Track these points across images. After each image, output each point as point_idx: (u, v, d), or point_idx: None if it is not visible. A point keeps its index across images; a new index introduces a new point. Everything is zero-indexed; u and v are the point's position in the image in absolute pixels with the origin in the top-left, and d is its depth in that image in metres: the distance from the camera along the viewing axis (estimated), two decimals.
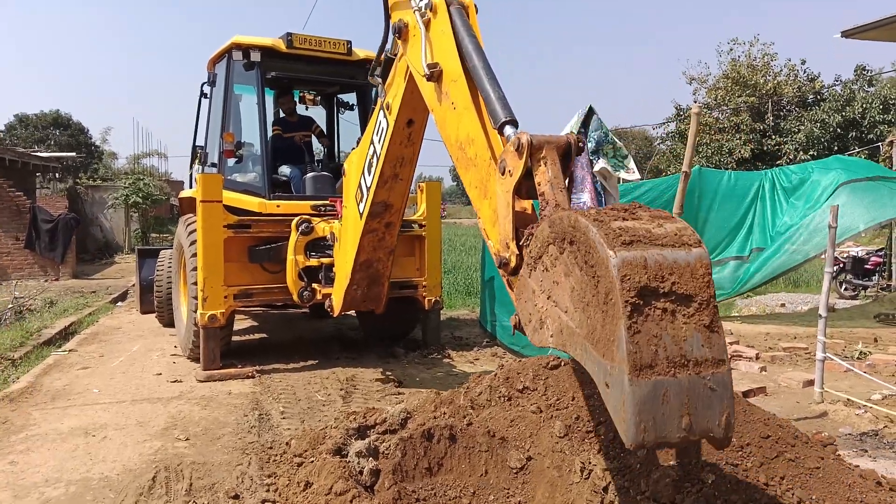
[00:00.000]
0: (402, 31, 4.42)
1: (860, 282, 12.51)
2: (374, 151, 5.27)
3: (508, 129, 3.25)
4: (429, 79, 3.92)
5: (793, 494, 3.48)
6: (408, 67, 4.42)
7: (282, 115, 8.73)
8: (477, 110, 3.56)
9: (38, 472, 4.31)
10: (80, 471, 4.33)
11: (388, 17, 4.68)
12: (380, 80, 5.01)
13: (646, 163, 34.67)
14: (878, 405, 5.44)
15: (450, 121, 3.80)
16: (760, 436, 3.73)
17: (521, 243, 3.03)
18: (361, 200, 5.59)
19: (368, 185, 5.43)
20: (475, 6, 4.07)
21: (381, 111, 5.08)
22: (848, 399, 5.54)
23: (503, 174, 3.10)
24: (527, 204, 3.23)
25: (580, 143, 3.09)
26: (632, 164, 5.59)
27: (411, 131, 5.01)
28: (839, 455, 4.07)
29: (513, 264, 3.07)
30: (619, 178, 5.61)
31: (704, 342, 2.35)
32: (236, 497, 3.84)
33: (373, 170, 5.34)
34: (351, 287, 6.06)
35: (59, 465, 4.42)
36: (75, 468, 4.38)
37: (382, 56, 4.88)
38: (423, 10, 4.06)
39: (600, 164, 5.44)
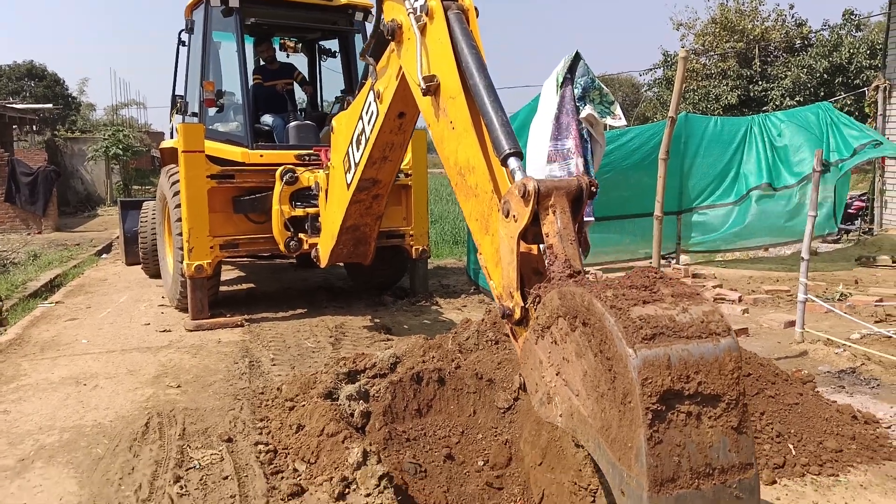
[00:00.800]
0: (395, 33, 4.07)
1: (843, 226, 12.65)
2: (363, 130, 5.07)
3: (513, 163, 2.97)
4: (425, 93, 3.62)
5: (772, 429, 3.59)
6: (401, 68, 4.13)
7: (262, 63, 8.55)
8: (478, 134, 3.28)
9: (32, 421, 4.35)
10: (72, 418, 4.38)
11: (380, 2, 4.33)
12: (371, 59, 4.68)
13: (632, 110, 34.47)
14: (856, 344, 5.58)
15: (448, 141, 3.52)
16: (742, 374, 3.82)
17: (527, 300, 2.79)
18: (349, 171, 5.44)
19: (357, 162, 5.26)
20: (475, 9, 3.74)
21: (371, 93, 4.79)
22: (828, 339, 5.67)
23: (507, 217, 2.85)
24: (533, 246, 2.99)
25: (594, 188, 2.84)
26: (618, 111, 5.55)
27: (402, 122, 4.79)
28: (818, 392, 4.20)
29: (517, 316, 2.84)
30: (605, 125, 5.57)
31: (732, 447, 2.18)
32: (230, 440, 3.91)
33: (361, 148, 5.14)
34: (337, 247, 6.04)
35: (52, 414, 4.46)
36: (68, 416, 4.42)
37: (374, 37, 4.56)
38: (418, 12, 3.71)
39: (586, 110, 5.39)
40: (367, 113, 4.94)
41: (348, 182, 5.45)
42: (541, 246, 2.92)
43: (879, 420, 4.04)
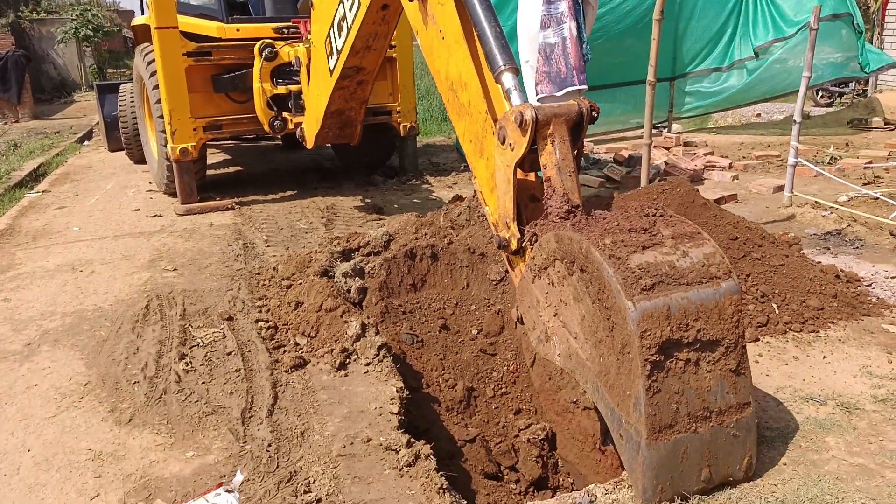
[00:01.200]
0: None
1: (837, 89, 12.45)
2: (344, 16, 4.78)
3: (508, 81, 2.78)
4: None
5: (757, 289, 3.70)
6: None
7: None
8: (470, 47, 3.05)
9: (33, 307, 4.43)
10: (72, 304, 4.45)
11: None
12: None
13: None
14: (843, 206, 5.64)
15: (438, 52, 3.28)
16: (729, 238, 3.89)
17: (523, 232, 2.71)
18: (331, 56, 5.17)
19: (339, 49, 5.00)
20: None
21: None
22: (815, 202, 5.73)
23: (503, 144, 2.71)
24: (530, 174, 2.88)
25: (595, 112, 2.69)
26: None
27: (386, 14, 4.52)
28: (803, 253, 4.29)
29: (513, 247, 2.78)
30: None
31: (730, 388, 2.20)
32: (230, 319, 4.00)
33: (343, 36, 4.86)
34: (322, 130, 5.89)
35: (52, 300, 4.53)
36: (68, 301, 4.49)
37: None
38: None
39: None
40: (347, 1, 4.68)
41: (331, 68, 5.25)
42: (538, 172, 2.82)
43: (861, 279, 4.16)
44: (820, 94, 12.58)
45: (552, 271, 2.43)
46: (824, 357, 3.36)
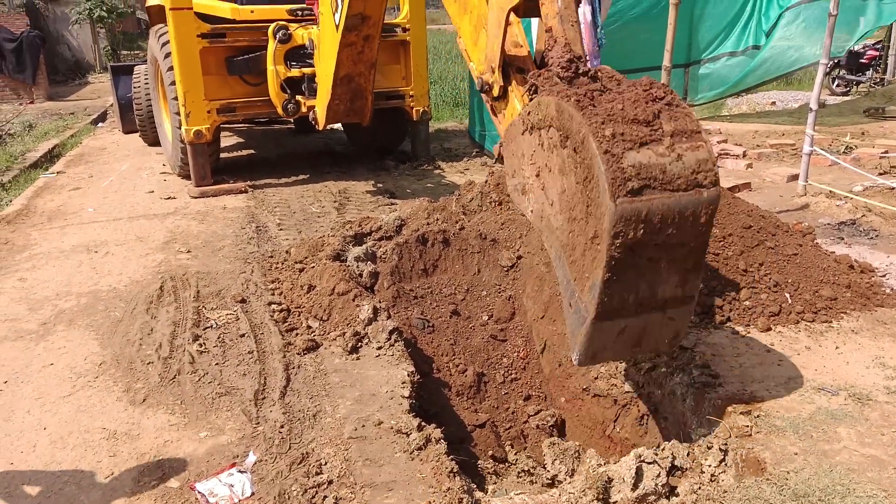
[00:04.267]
0: None
1: (854, 77, 12.27)
2: None
3: None
4: None
5: (770, 278, 3.68)
6: None
7: None
8: None
9: (48, 287, 4.48)
10: (87, 284, 4.50)
11: None
12: None
13: None
14: (858, 196, 5.59)
15: None
16: (742, 226, 3.87)
17: (508, 80, 2.75)
18: (337, 11, 5.21)
19: None
20: None
21: None
22: (830, 191, 5.68)
23: None
24: (522, 39, 2.90)
25: None
26: None
27: None
28: (817, 243, 4.26)
29: (496, 93, 2.81)
30: None
31: (680, 284, 2.27)
32: (243, 301, 4.03)
33: None
34: (333, 101, 5.89)
35: (67, 280, 4.58)
36: (83, 282, 4.54)
37: None
38: None
39: None
40: None
41: (336, 23, 5.26)
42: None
43: (875, 269, 4.13)
44: (836, 83, 12.41)
45: (545, 135, 2.43)
46: (837, 347, 3.35)
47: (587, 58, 2.60)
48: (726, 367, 3.15)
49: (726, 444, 2.62)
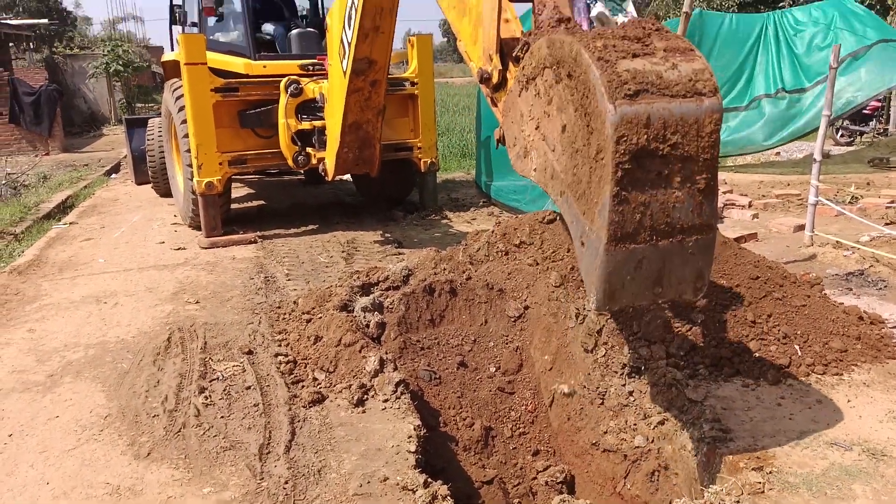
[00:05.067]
0: None
1: (857, 127, 12.38)
2: (353, 2, 5.03)
3: None
4: None
5: (779, 330, 3.66)
6: None
7: None
8: None
9: (57, 338, 4.49)
10: (96, 335, 4.52)
11: None
12: None
13: (644, 9, 33.15)
14: (865, 246, 5.58)
15: None
16: (749, 277, 3.87)
17: (514, 54, 2.77)
18: (344, 57, 5.38)
19: (350, 40, 5.21)
20: None
21: None
22: (837, 241, 5.68)
23: None
24: (515, 24, 3.00)
25: None
26: (631, 8, 5.34)
27: None
28: (825, 294, 4.24)
29: (495, 80, 2.85)
30: (616, 24, 5.39)
31: (695, 208, 2.17)
32: (250, 352, 4.03)
33: (352, 23, 5.09)
34: (342, 150, 6.00)
35: (76, 331, 4.60)
36: (91, 333, 4.56)
37: None
38: None
39: (598, 7, 5.18)
40: None
41: (344, 69, 5.41)
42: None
43: (885, 320, 4.09)
44: (840, 133, 12.52)
45: (540, 81, 2.40)
46: (849, 401, 3.30)
47: (576, 21, 2.62)
48: (737, 421, 3.11)
49: (739, 502, 2.57)
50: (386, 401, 3.40)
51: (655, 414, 3.20)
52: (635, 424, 3.29)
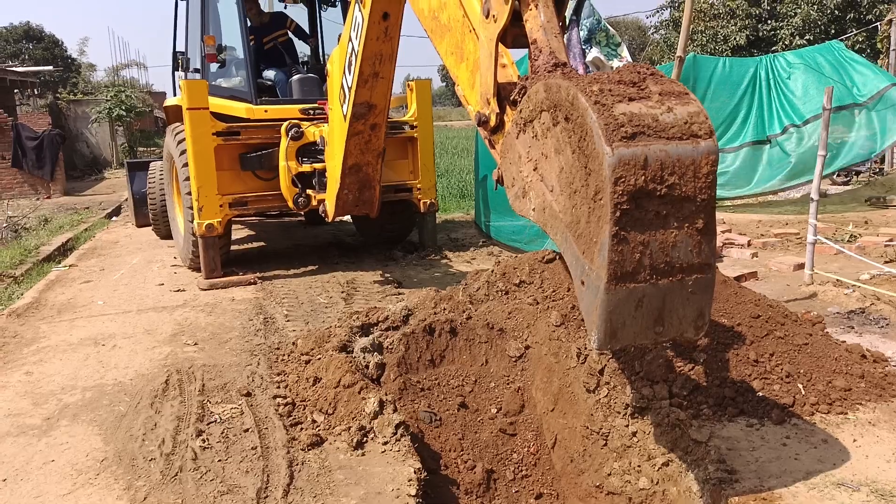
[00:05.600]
0: None
1: (854, 167, 12.50)
2: (353, 49, 5.13)
3: None
4: None
5: (782, 369, 3.63)
6: None
7: (249, 23, 8.40)
8: None
9: (54, 381, 4.45)
10: (93, 378, 4.48)
11: None
12: None
13: (639, 53, 33.81)
14: (866, 284, 5.59)
15: None
16: (751, 316, 3.86)
17: (511, 98, 2.83)
18: (344, 101, 5.48)
19: (350, 86, 5.30)
20: None
21: (356, 5, 4.89)
22: (837, 280, 5.68)
23: (487, 18, 2.86)
24: (511, 69, 3.06)
25: None
26: (625, 53, 5.46)
27: (387, 25, 4.83)
28: (827, 332, 4.23)
29: (493, 123, 2.90)
30: (612, 68, 5.49)
31: (694, 247, 2.20)
32: (248, 394, 3.99)
33: (352, 69, 5.19)
34: (342, 191, 6.05)
35: (73, 374, 4.56)
36: (89, 375, 4.52)
37: None
38: None
39: (593, 53, 5.31)
40: (353, 28, 5.02)
41: (344, 113, 5.49)
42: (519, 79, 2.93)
43: (888, 358, 4.07)
44: (836, 173, 12.63)
45: (537, 123, 2.44)
46: (854, 440, 3.26)
47: (572, 67, 2.67)
48: (742, 462, 3.06)
49: None
50: (386, 443, 3.35)
51: (660, 455, 3.15)
52: (639, 466, 3.24)
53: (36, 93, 25.15)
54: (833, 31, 23.07)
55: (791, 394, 3.56)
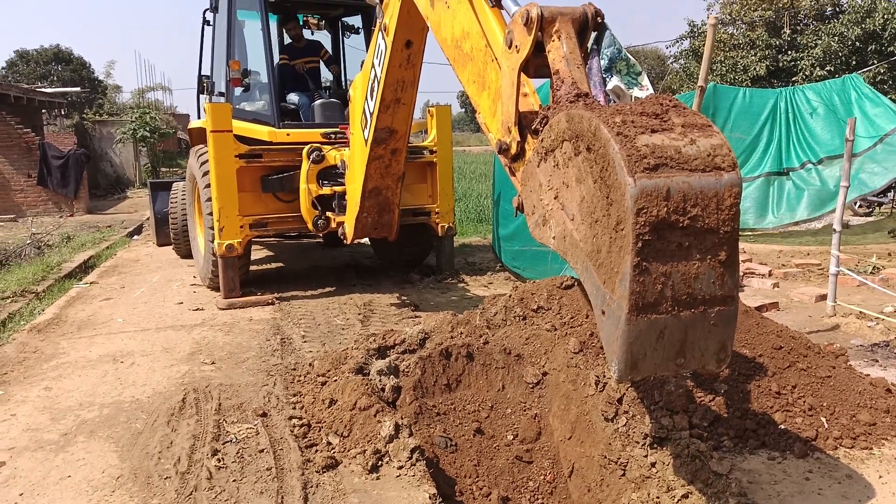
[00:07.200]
0: None
1: (875, 198, 12.38)
2: (375, 75, 5.20)
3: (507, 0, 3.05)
4: None
5: (804, 401, 3.57)
6: None
7: (287, 41, 8.56)
8: (470, 2, 3.42)
9: (72, 397, 4.48)
10: (111, 395, 4.50)
11: None
12: (377, 1, 4.90)
13: (659, 82, 33.91)
14: (889, 317, 5.50)
15: (444, 22, 3.67)
16: (773, 347, 3.80)
17: (532, 127, 2.83)
18: (366, 127, 5.54)
19: (371, 111, 5.37)
20: None
21: (380, 33, 4.97)
22: (860, 312, 5.60)
23: (510, 48, 2.87)
24: (532, 98, 3.08)
25: (599, 18, 2.84)
26: (646, 81, 5.45)
27: (410, 53, 4.90)
28: (850, 365, 4.15)
29: (513, 151, 2.91)
30: (632, 97, 5.50)
31: (717, 279, 2.18)
32: (264, 415, 3.99)
33: (374, 95, 5.26)
34: (361, 214, 6.09)
35: (92, 390, 4.59)
36: (107, 392, 4.54)
37: None
38: None
39: (613, 81, 5.30)
40: (377, 55, 5.08)
41: (366, 137, 5.55)
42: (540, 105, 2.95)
43: None
44: (858, 204, 12.51)
45: (559, 153, 2.43)
46: (880, 476, 3.19)
47: (593, 97, 2.67)
48: (764, 496, 3.00)
49: None
50: (401, 467, 3.32)
51: (679, 487, 3.09)
52: (658, 497, 3.18)
53: (63, 113, 25.66)
54: (854, 63, 23.02)
55: (814, 427, 3.49)
